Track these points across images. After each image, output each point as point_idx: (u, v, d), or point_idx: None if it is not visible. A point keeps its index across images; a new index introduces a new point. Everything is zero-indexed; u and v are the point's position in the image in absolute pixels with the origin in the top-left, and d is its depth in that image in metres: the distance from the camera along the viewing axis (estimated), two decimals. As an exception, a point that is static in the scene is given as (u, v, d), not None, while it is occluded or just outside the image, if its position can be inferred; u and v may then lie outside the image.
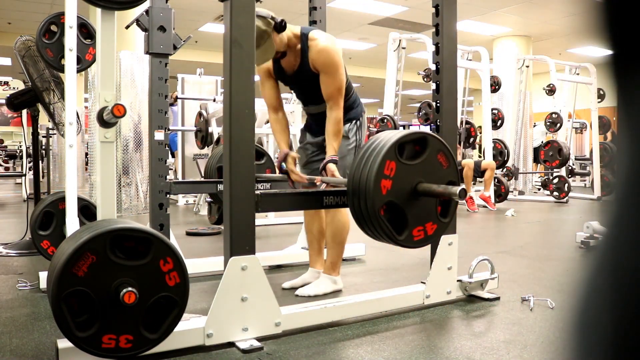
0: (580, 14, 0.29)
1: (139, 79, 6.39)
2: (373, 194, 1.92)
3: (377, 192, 1.93)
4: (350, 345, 2.00)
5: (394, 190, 1.97)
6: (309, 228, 2.83)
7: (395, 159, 1.96)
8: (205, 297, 2.60)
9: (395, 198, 1.97)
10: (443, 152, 2.08)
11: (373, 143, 2.03)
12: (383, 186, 1.94)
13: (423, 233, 2.06)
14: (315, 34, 2.49)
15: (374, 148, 2.00)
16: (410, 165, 2.00)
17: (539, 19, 9.58)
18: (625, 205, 0.27)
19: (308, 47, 2.46)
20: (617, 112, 0.29)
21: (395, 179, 1.96)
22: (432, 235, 2.10)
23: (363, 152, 2.04)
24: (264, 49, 2.35)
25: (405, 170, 1.98)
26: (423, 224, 2.06)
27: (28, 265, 3.40)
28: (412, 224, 2.03)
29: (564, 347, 0.29)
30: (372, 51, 11.98)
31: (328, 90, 2.48)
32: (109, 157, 1.98)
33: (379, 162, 1.92)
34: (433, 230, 2.09)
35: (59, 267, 1.57)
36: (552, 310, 2.39)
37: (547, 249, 4.13)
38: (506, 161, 7.59)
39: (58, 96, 3.62)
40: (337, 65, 2.46)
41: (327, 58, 2.45)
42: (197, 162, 7.15)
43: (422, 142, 2.05)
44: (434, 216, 2.09)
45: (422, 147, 2.04)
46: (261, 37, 2.31)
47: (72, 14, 2.52)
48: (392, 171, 1.95)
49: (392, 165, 1.95)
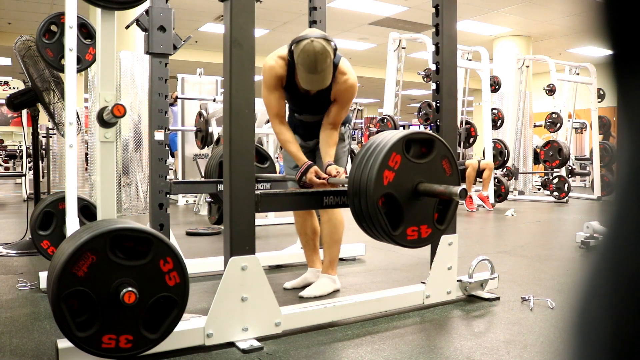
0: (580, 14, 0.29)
1: (139, 79, 6.39)
2: (374, 183, 1.93)
3: (379, 181, 1.94)
4: (350, 345, 2.00)
5: (395, 183, 1.97)
6: (303, 230, 2.83)
7: (401, 153, 1.97)
8: (205, 297, 2.60)
9: (395, 191, 1.98)
10: (448, 159, 2.09)
11: (377, 140, 2.04)
12: (385, 177, 1.95)
13: (417, 234, 2.06)
14: (344, 66, 2.49)
15: (379, 143, 2.01)
16: (415, 163, 2.01)
17: (539, 19, 9.58)
18: (625, 205, 0.27)
19: (335, 79, 2.45)
20: (617, 112, 0.29)
21: (398, 173, 1.97)
22: (426, 238, 2.10)
23: (366, 149, 2.04)
24: (327, 74, 2.33)
25: (409, 166, 1.99)
26: (418, 225, 2.06)
27: (28, 265, 3.40)
28: (407, 221, 2.03)
29: (564, 347, 0.29)
30: (372, 51, 11.98)
31: (338, 118, 2.56)
32: (109, 157, 1.98)
33: (385, 152, 1.94)
34: (427, 234, 2.09)
35: (59, 267, 1.57)
36: (552, 310, 2.39)
37: (547, 249, 4.13)
38: (506, 161, 7.59)
39: (58, 96, 3.62)
40: (352, 100, 2.60)
41: (352, 95, 2.55)
42: (197, 162, 7.15)
43: (429, 144, 2.06)
44: (429, 220, 2.09)
45: (429, 149, 2.06)
46: (325, 62, 2.28)
47: (72, 14, 2.52)
48: (397, 164, 1.96)
49: (398, 158, 1.96)
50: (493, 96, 8.18)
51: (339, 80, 2.46)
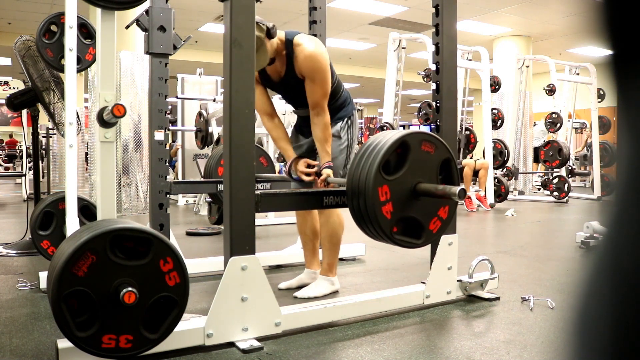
0: (580, 14, 0.29)
1: (139, 79, 6.39)
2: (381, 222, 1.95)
3: (383, 218, 1.96)
4: (350, 345, 2.00)
5: (396, 207, 1.98)
6: (302, 229, 2.82)
7: (385, 182, 1.96)
8: (205, 297, 2.60)
9: (401, 213, 2.00)
10: (425, 141, 2.05)
11: (376, 140, 2.04)
12: (386, 212, 1.96)
13: (440, 221, 2.11)
14: (299, 38, 2.41)
15: (377, 143, 2.00)
16: (400, 177, 1.99)
17: (539, 19, 9.58)
18: (625, 205, 0.27)
19: (294, 53, 2.40)
20: (617, 112, 0.29)
21: (394, 198, 1.98)
22: (448, 218, 2.14)
23: (365, 149, 2.04)
24: (258, 55, 2.28)
25: (398, 184, 1.99)
26: (436, 213, 2.10)
27: (28, 265, 3.40)
28: (426, 222, 2.07)
29: (564, 347, 0.29)
30: (372, 51, 11.98)
31: (314, 97, 2.43)
32: (109, 157, 1.98)
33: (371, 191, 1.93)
34: (447, 213, 2.13)
35: (59, 267, 1.57)
36: (552, 310, 2.39)
37: (547, 249, 4.13)
38: (506, 161, 7.59)
39: (58, 96, 3.62)
40: (324, 72, 2.39)
41: (314, 64, 2.38)
42: (197, 162, 7.16)
43: (402, 146, 2.01)
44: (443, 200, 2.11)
45: (404, 149, 2.02)
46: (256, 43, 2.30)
47: (72, 14, 2.52)
48: (387, 194, 1.97)
49: (385, 188, 1.96)
50: (493, 96, 8.18)
51: (296, 54, 2.39)
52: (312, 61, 2.38)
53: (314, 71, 2.39)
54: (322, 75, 2.40)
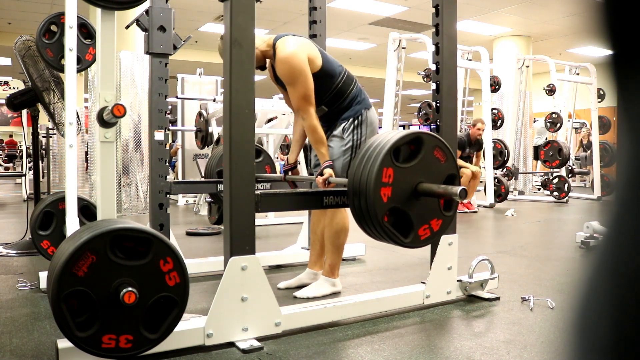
0: (580, 14, 0.29)
1: (139, 79, 6.39)
2: (374, 202, 1.92)
3: (378, 200, 1.93)
4: (350, 345, 2.00)
5: (395, 195, 1.97)
6: (314, 228, 2.82)
7: (391, 165, 1.95)
8: (205, 297, 2.60)
9: (397, 203, 1.98)
10: (439, 147, 2.07)
11: (376, 140, 2.03)
12: (383, 194, 1.94)
13: (429, 231, 2.07)
14: (280, 41, 2.38)
15: (370, 153, 1.99)
16: (407, 168, 1.99)
17: (539, 19, 9.58)
18: (625, 205, 0.27)
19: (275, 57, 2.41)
20: (617, 112, 0.29)
21: (395, 185, 1.96)
22: (438, 231, 2.11)
23: (365, 149, 2.04)
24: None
25: (403, 173, 1.98)
26: (428, 221, 2.06)
27: (28, 265, 3.40)
28: (417, 224, 2.03)
29: (564, 347, 0.29)
30: (372, 51, 11.98)
31: (294, 101, 2.40)
32: (109, 157, 1.97)
33: (376, 171, 1.92)
34: (439, 226, 2.10)
35: (59, 267, 1.57)
36: (552, 310, 2.39)
37: (547, 249, 4.13)
38: (506, 161, 7.59)
39: (58, 96, 3.62)
40: (297, 75, 2.34)
41: (287, 69, 2.34)
42: (197, 162, 7.16)
43: (416, 142, 2.03)
44: (437, 212, 2.09)
45: (417, 146, 2.03)
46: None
47: (72, 14, 2.52)
48: (390, 177, 1.95)
49: (390, 171, 1.95)
50: (493, 96, 8.18)
51: (276, 59, 2.40)
52: (286, 64, 2.34)
53: (289, 75, 2.36)
54: (295, 79, 2.35)
